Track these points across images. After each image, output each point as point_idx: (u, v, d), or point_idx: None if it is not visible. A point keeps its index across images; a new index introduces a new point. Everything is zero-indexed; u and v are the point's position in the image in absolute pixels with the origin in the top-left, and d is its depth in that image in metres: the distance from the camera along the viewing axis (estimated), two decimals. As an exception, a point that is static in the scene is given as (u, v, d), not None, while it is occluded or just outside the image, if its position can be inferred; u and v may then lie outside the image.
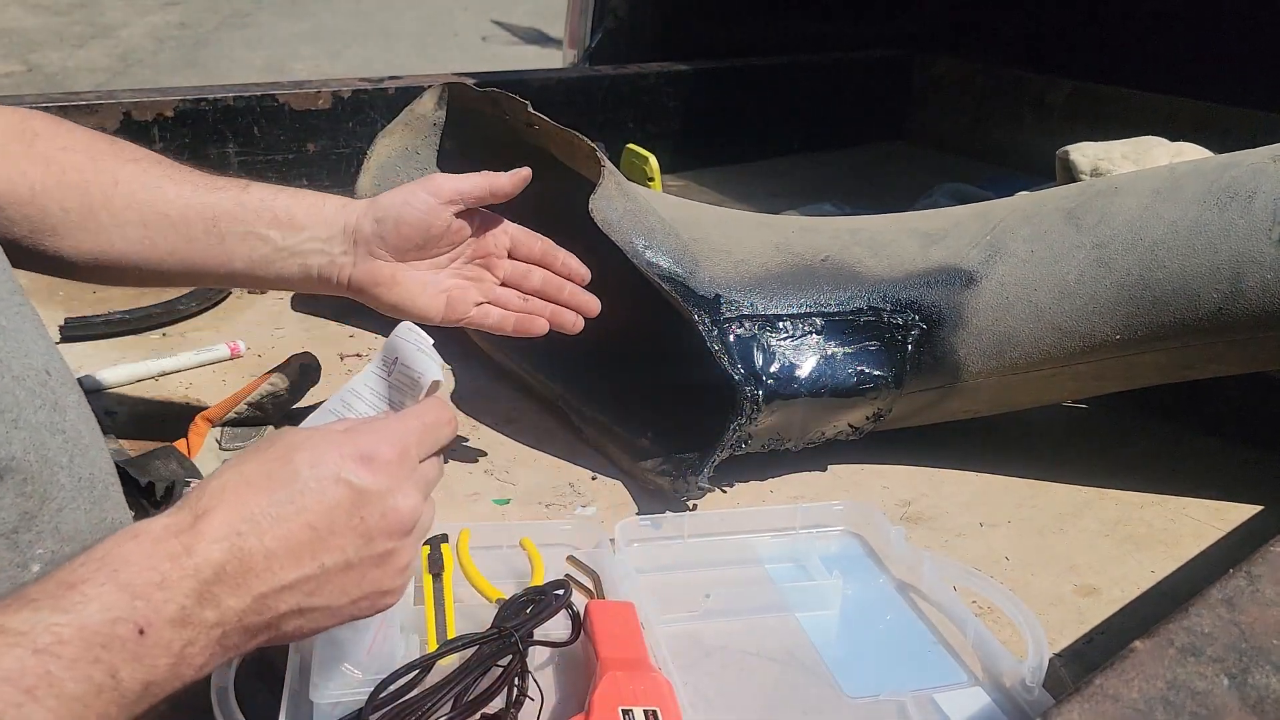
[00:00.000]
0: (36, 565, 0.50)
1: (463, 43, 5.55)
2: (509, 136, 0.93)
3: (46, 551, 0.51)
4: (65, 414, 0.54)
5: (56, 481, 0.52)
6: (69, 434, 0.54)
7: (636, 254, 0.79)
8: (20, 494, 0.50)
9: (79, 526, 0.53)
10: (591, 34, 1.80)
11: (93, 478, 0.55)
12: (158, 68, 4.71)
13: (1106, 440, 0.96)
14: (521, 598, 0.59)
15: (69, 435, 0.54)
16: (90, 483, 0.55)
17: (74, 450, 0.54)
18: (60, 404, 0.54)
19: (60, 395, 0.55)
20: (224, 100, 1.24)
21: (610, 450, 0.86)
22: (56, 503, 0.52)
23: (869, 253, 0.86)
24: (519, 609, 0.58)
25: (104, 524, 0.55)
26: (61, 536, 0.52)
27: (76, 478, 0.54)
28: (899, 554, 0.72)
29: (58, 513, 0.52)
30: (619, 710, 0.53)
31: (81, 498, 0.54)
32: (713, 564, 0.73)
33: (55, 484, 0.52)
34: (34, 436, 0.51)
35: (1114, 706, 0.41)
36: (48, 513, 0.51)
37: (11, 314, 0.54)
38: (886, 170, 1.82)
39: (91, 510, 0.54)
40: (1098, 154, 1.12)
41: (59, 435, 0.53)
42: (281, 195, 0.71)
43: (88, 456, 0.55)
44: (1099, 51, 1.81)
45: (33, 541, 0.50)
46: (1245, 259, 0.76)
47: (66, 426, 0.54)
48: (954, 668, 0.64)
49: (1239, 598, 0.48)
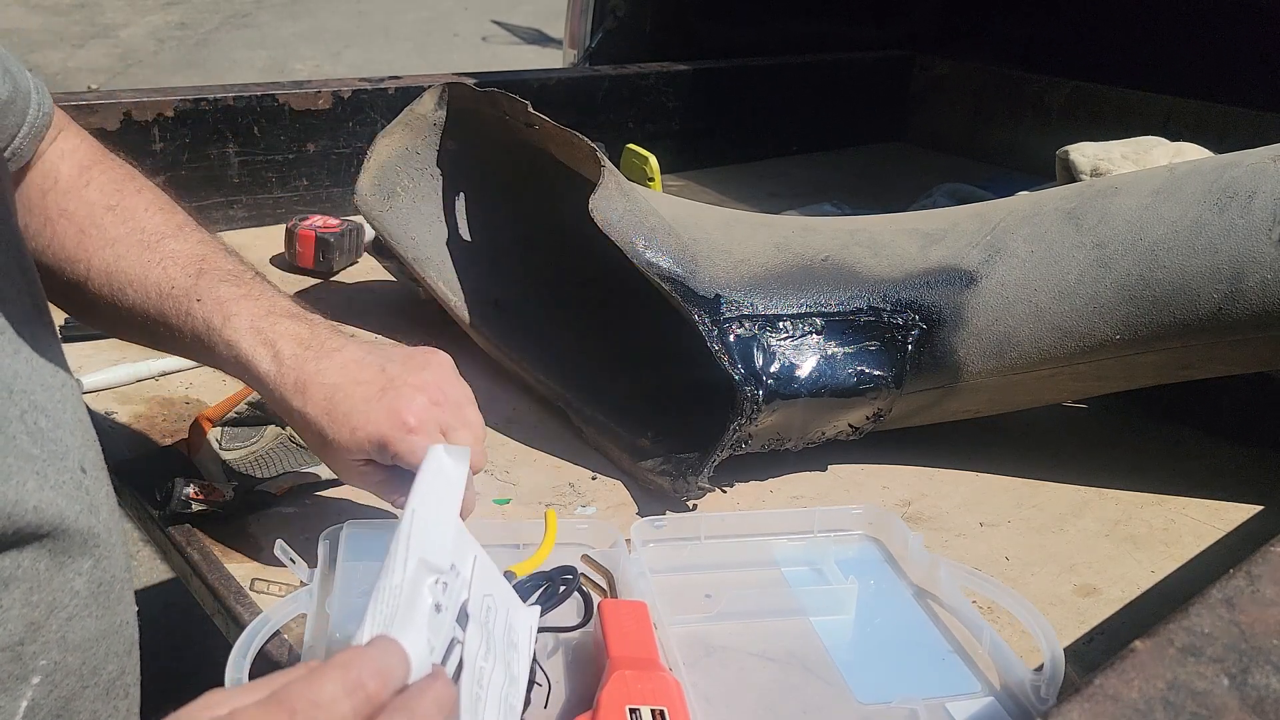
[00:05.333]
0: (37, 677, 0.47)
1: (463, 43, 5.56)
2: (509, 136, 0.93)
3: (50, 663, 0.48)
4: (99, 514, 0.51)
5: (70, 588, 0.49)
6: (99, 536, 0.51)
7: (636, 254, 0.79)
8: (26, 604, 0.47)
9: (88, 635, 0.50)
10: (591, 34, 1.80)
11: (111, 580, 0.52)
12: (158, 68, 4.72)
13: (1106, 440, 0.96)
14: (528, 583, 0.59)
15: (99, 538, 0.51)
16: (108, 586, 0.52)
17: (100, 554, 0.51)
18: (95, 505, 0.51)
19: (94, 494, 0.52)
20: (224, 100, 1.24)
21: (610, 450, 0.86)
22: (67, 611, 0.49)
23: (869, 253, 0.86)
24: (526, 594, 0.58)
25: (113, 628, 0.53)
26: (67, 646, 0.49)
27: (95, 583, 0.50)
28: (917, 559, 0.72)
29: (66, 622, 0.49)
30: (626, 709, 0.53)
31: (95, 604, 0.51)
32: (728, 566, 0.73)
33: (68, 590, 0.49)
34: (56, 545, 0.48)
35: (1114, 706, 0.41)
36: (55, 622, 0.48)
37: (52, 402, 0.51)
38: (886, 170, 1.82)
39: (103, 617, 0.51)
40: (1097, 154, 1.12)
41: (89, 540, 0.50)
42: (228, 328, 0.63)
43: (111, 557, 0.52)
44: (1099, 51, 1.81)
45: (37, 653, 0.47)
46: (1245, 259, 0.76)
47: (99, 528, 0.50)
48: (968, 676, 0.64)
49: (1239, 598, 0.48)
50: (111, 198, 0.67)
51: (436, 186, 1.02)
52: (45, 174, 0.67)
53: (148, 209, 0.68)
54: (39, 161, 0.67)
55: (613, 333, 0.98)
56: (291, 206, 1.32)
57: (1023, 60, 1.88)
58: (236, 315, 0.63)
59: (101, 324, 0.70)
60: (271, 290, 0.67)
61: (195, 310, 0.63)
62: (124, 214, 0.67)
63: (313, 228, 1.18)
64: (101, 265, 0.65)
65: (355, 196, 1.00)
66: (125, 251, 0.65)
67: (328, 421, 0.60)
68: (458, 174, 1.02)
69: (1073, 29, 1.88)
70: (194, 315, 0.63)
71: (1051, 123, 1.75)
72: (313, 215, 1.22)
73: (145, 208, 0.68)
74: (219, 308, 0.63)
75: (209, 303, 0.63)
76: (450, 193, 1.03)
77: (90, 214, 0.66)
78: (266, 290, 0.66)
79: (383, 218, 1.00)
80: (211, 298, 0.63)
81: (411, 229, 1.01)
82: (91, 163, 0.69)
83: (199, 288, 0.64)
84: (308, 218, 1.21)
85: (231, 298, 0.63)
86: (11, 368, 0.48)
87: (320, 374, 0.61)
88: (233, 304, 0.63)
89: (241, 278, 0.66)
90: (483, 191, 1.03)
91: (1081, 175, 1.11)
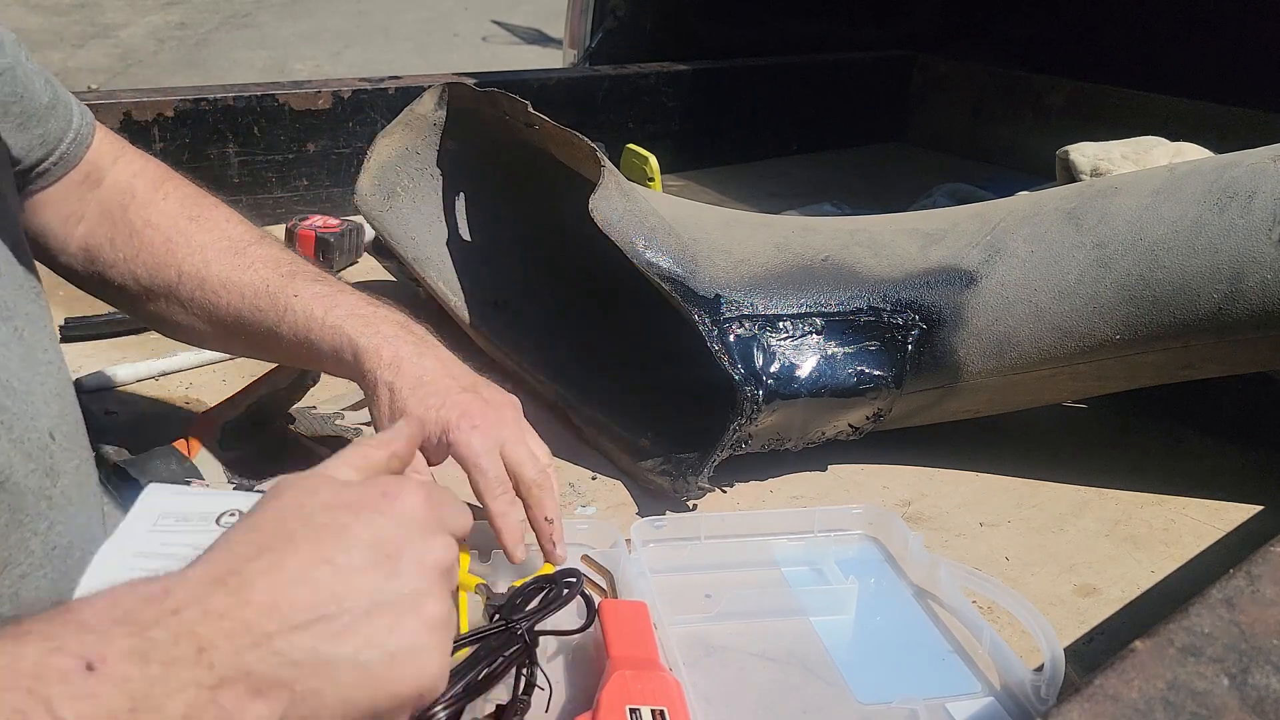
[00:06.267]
0: None
1: (463, 43, 5.56)
2: (509, 136, 0.93)
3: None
4: (58, 479, 0.52)
5: (26, 547, 0.50)
6: (55, 500, 0.52)
7: (636, 254, 0.79)
8: None
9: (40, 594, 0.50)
10: (591, 34, 1.80)
11: (69, 546, 0.53)
12: (158, 68, 4.71)
13: (1106, 440, 0.96)
14: (531, 585, 0.59)
15: (54, 501, 0.52)
16: (65, 551, 0.52)
17: (55, 517, 0.52)
18: (55, 469, 0.52)
19: (59, 460, 0.53)
20: (224, 100, 1.24)
21: (610, 450, 0.86)
22: (21, 569, 0.49)
23: (869, 253, 0.86)
24: (529, 597, 0.58)
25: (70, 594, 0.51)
26: (20, 603, 0.49)
27: (50, 545, 0.51)
28: (917, 559, 0.72)
29: (20, 579, 0.49)
30: (626, 709, 0.53)
31: (50, 566, 0.51)
32: (728, 566, 0.73)
33: (23, 549, 0.49)
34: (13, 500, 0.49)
35: (1114, 706, 0.41)
36: (9, 579, 0.49)
37: (31, 372, 0.53)
38: (886, 170, 1.82)
39: (60, 580, 0.51)
40: (1097, 154, 1.12)
41: (43, 500, 0.51)
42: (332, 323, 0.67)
43: (72, 524, 0.53)
44: (1099, 51, 1.81)
45: None
46: (1245, 259, 0.76)
47: (55, 493, 0.52)
48: (968, 676, 0.64)
49: (1239, 598, 0.48)
50: (191, 209, 0.71)
51: (436, 186, 1.02)
52: (121, 190, 0.71)
53: (228, 220, 0.72)
54: (108, 180, 0.71)
55: (613, 333, 0.98)
56: (291, 206, 1.32)
57: (1023, 60, 1.88)
58: (338, 306, 0.67)
59: (184, 332, 0.73)
60: (361, 293, 0.71)
61: (294, 305, 0.67)
62: (207, 224, 0.71)
63: (313, 228, 1.18)
64: (191, 270, 0.69)
65: (355, 196, 1.00)
66: (215, 257, 0.69)
67: (411, 394, 0.64)
68: (458, 174, 1.02)
69: (1073, 29, 1.88)
70: (293, 309, 0.67)
71: (1051, 123, 1.75)
72: (313, 215, 1.23)
73: (225, 219, 0.72)
74: (319, 301, 0.67)
75: (307, 297, 0.67)
76: (450, 193, 1.03)
77: (174, 224, 0.70)
78: (354, 290, 0.71)
79: (383, 218, 1.00)
80: (309, 293, 0.68)
81: (411, 229, 1.01)
82: (164, 179, 0.73)
83: (295, 285, 0.68)
84: (308, 218, 1.21)
85: (328, 293, 0.68)
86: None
87: (417, 357, 0.66)
88: (331, 297, 0.68)
89: (328, 278, 0.71)
90: (483, 191, 1.03)
91: (1081, 175, 1.11)
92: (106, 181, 0.71)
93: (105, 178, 0.71)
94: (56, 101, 0.66)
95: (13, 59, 0.62)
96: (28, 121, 0.63)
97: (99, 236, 0.70)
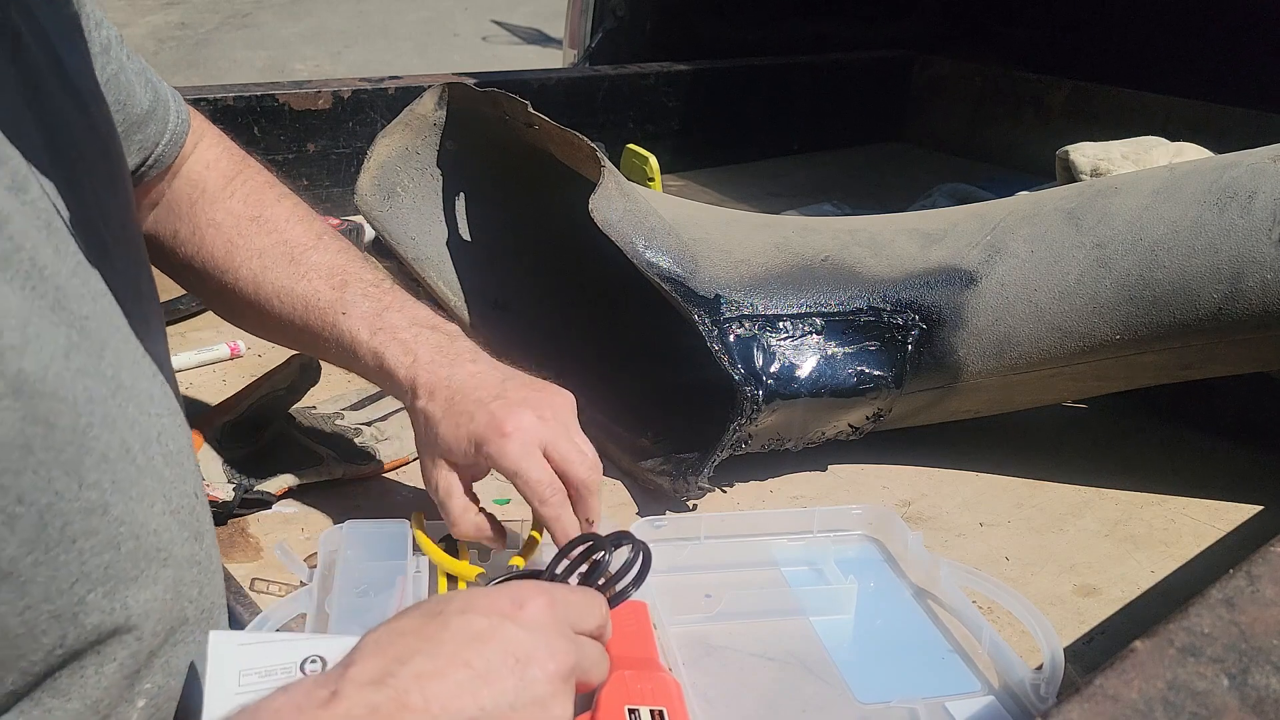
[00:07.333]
0: (142, 700, 0.48)
1: (463, 43, 5.56)
2: (509, 137, 0.93)
3: (154, 686, 0.48)
4: (203, 540, 0.51)
5: (183, 616, 0.49)
6: (204, 564, 0.51)
7: (636, 254, 0.79)
8: (153, 633, 0.47)
9: (191, 657, 0.50)
10: (591, 34, 1.80)
11: (214, 605, 0.52)
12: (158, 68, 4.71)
13: (1106, 440, 0.96)
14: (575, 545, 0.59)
15: (203, 565, 0.51)
16: (211, 610, 0.52)
17: (204, 580, 0.51)
18: (201, 530, 0.51)
19: (202, 520, 0.52)
20: (224, 100, 1.24)
21: (610, 450, 0.86)
22: (179, 635, 0.49)
23: (869, 253, 0.86)
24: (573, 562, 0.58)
25: (205, 652, 0.52)
26: (171, 671, 0.49)
27: (201, 609, 0.51)
28: (916, 559, 0.72)
29: (173, 648, 0.49)
30: (625, 709, 0.53)
31: (200, 628, 0.51)
32: (728, 566, 0.73)
33: (181, 618, 0.49)
34: (176, 574, 0.48)
35: (1114, 706, 0.41)
36: (165, 651, 0.48)
37: (179, 428, 0.51)
38: (886, 170, 1.82)
39: (204, 642, 0.51)
40: (1097, 154, 1.12)
41: (194, 567, 0.50)
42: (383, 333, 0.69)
43: (214, 582, 0.52)
44: (1099, 52, 1.81)
45: (144, 677, 0.47)
46: (1245, 259, 0.76)
47: (202, 555, 0.51)
48: (968, 675, 0.64)
49: (1239, 598, 0.48)
50: (255, 208, 0.72)
51: (436, 186, 1.02)
52: (192, 183, 0.71)
53: (289, 220, 0.72)
54: (183, 170, 0.71)
55: (613, 333, 0.98)
56: (291, 206, 1.32)
57: (1023, 60, 1.88)
58: (382, 329, 0.68)
59: (248, 325, 0.76)
60: (411, 301, 0.71)
61: (341, 323, 0.68)
62: (268, 225, 0.71)
63: (313, 228, 1.18)
64: (249, 275, 0.70)
65: (355, 196, 1.00)
66: (271, 264, 0.70)
67: (442, 417, 0.64)
68: (458, 174, 1.02)
69: (1073, 29, 1.88)
70: (340, 327, 0.68)
71: (1051, 123, 1.75)
72: (313, 215, 1.22)
73: (287, 218, 0.72)
74: (364, 322, 0.68)
75: (354, 316, 0.68)
76: (450, 193, 1.02)
77: (236, 225, 0.71)
78: (407, 302, 0.71)
79: (383, 218, 1.00)
80: (357, 312, 0.68)
81: (411, 229, 1.00)
82: (235, 173, 0.73)
83: (344, 300, 0.69)
84: (308, 218, 1.20)
85: (374, 311, 0.69)
86: (148, 390, 0.48)
87: (450, 379, 0.66)
88: (377, 317, 0.68)
89: (381, 287, 0.71)
90: (483, 191, 1.03)
91: (1081, 175, 1.11)
92: (182, 171, 0.71)
93: (182, 168, 0.71)
94: (156, 103, 0.66)
95: (117, 65, 0.62)
96: (129, 131, 0.64)
97: (164, 228, 0.71)
